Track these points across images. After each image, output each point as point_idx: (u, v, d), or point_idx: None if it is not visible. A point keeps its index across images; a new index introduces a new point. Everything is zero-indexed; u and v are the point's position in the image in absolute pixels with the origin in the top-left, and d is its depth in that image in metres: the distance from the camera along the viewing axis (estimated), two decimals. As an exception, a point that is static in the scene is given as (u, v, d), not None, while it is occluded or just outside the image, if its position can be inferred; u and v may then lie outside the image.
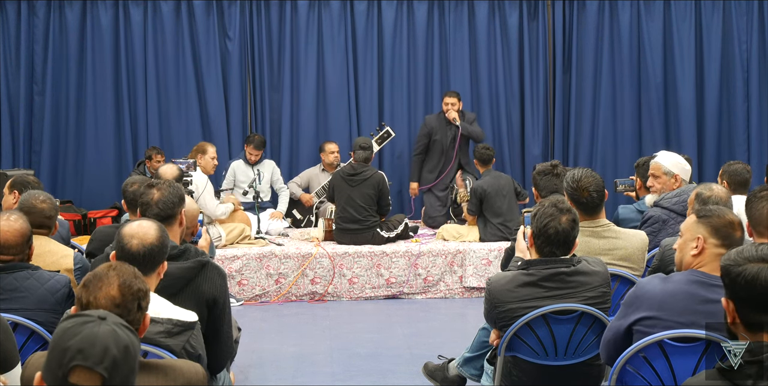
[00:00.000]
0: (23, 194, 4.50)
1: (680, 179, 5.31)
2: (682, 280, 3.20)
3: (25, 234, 3.71)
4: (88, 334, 2.01)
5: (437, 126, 8.83)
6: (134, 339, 2.08)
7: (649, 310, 3.18)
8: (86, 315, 2.07)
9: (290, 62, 9.54)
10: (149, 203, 3.79)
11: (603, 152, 9.68)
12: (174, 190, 3.84)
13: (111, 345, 2.00)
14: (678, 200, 5.05)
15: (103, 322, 2.04)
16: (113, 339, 2.02)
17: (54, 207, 4.39)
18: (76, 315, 2.09)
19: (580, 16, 9.68)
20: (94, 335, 2.01)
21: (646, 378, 3.17)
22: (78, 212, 8.97)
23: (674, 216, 4.99)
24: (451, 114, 8.73)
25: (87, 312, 2.09)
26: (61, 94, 9.44)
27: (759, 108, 9.69)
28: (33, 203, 4.29)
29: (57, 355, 2.00)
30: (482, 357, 4.40)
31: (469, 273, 7.57)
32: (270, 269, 7.50)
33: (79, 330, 2.02)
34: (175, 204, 3.81)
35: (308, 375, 5.54)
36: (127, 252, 3.17)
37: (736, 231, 3.23)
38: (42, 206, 4.29)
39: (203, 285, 3.55)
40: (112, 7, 9.41)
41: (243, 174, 8.73)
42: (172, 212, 3.79)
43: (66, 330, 2.03)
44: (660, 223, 5.00)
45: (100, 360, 1.98)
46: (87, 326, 2.03)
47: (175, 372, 2.44)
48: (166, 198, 3.79)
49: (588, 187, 4.33)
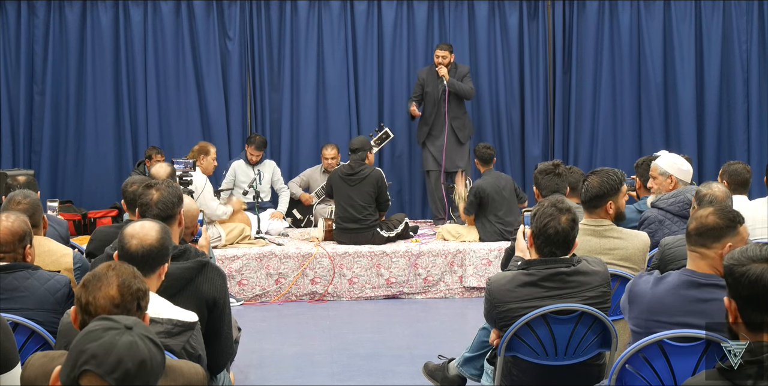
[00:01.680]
0: (7, 196, 4.50)
1: (676, 179, 5.31)
2: (673, 281, 3.21)
3: (17, 233, 3.69)
4: (107, 342, 1.97)
5: (428, 78, 8.88)
6: (156, 354, 2.02)
7: (641, 312, 3.20)
8: (114, 321, 2.03)
9: (290, 62, 9.54)
10: (149, 203, 3.80)
11: (603, 152, 9.68)
12: (173, 190, 3.84)
13: (126, 358, 1.96)
14: (674, 200, 5.05)
15: (127, 332, 2.00)
16: (131, 351, 1.97)
17: (32, 205, 4.34)
18: (105, 318, 2.05)
19: (580, 16, 9.68)
20: (112, 344, 1.97)
21: (646, 378, 3.17)
22: (78, 212, 8.97)
23: (670, 217, 5.01)
24: (441, 70, 8.74)
25: (117, 318, 2.05)
26: (61, 94, 9.44)
27: (759, 108, 9.69)
28: (10, 207, 4.29)
29: (74, 355, 1.98)
30: (482, 357, 4.40)
31: (469, 273, 7.57)
32: (270, 269, 7.50)
33: (101, 336, 1.98)
34: (175, 204, 3.82)
35: (308, 375, 5.54)
36: (126, 252, 3.18)
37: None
38: (19, 208, 4.27)
39: (203, 286, 3.55)
40: (112, 7, 9.41)
41: (243, 174, 8.73)
42: (172, 213, 3.80)
43: (89, 332, 2.00)
44: (656, 224, 5.01)
45: (112, 369, 1.95)
46: (109, 332, 1.99)
47: (175, 372, 2.44)
48: (166, 198, 3.80)
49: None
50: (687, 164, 5.42)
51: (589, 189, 4.39)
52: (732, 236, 3.25)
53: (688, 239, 3.30)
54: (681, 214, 4.97)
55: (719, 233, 3.24)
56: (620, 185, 4.48)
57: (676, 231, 4.84)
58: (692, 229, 3.29)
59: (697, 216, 3.31)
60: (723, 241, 3.24)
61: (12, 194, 4.46)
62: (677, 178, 5.31)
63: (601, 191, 4.37)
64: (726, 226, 3.26)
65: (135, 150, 9.49)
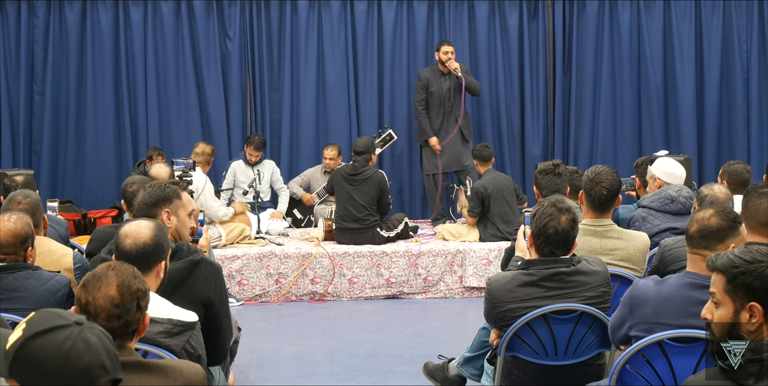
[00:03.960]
0: (7, 196, 4.51)
1: (660, 182, 5.42)
2: (675, 283, 3.21)
3: (19, 235, 3.69)
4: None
5: (431, 78, 8.78)
6: (85, 341, 1.94)
7: (645, 316, 3.19)
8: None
9: (290, 62, 9.54)
10: (135, 205, 3.88)
11: (603, 152, 9.67)
12: (155, 191, 3.84)
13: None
14: (656, 197, 5.18)
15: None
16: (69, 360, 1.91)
17: (33, 205, 4.34)
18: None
19: (580, 16, 9.68)
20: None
21: (646, 378, 3.17)
22: (78, 212, 8.97)
23: (653, 213, 5.15)
24: (452, 64, 8.66)
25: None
26: (61, 94, 9.44)
27: (759, 108, 9.69)
28: (11, 207, 4.29)
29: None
30: (482, 357, 4.40)
31: (469, 273, 7.57)
32: (270, 269, 7.50)
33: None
34: (149, 205, 3.83)
35: (308, 375, 5.54)
36: (121, 251, 3.18)
37: None
38: (19, 208, 4.27)
39: (197, 285, 3.54)
40: (112, 7, 9.41)
41: (243, 174, 8.73)
42: (150, 213, 3.81)
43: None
44: (640, 221, 5.13)
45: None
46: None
47: (175, 372, 2.44)
48: (143, 200, 3.83)
49: (601, 182, 4.37)
50: (675, 169, 5.44)
51: (600, 197, 4.36)
52: (734, 237, 3.26)
53: (689, 242, 3.29)
54: (662, 209, 5.11)
55: (723, 235, 3.25)
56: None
57: (659, 225, 4.97)
58: (694, 232, 3.28)
59: (698, 219, 3.30)
60: (726, 242, 3.25)
61: (12, 194, 4.46)
62: (662, 180, 5.38)
63: (611, 197, 4.40)
64: (729, 227, 3.27)
65: (135, 150, 9.49)
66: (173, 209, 3.88)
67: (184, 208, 3.96)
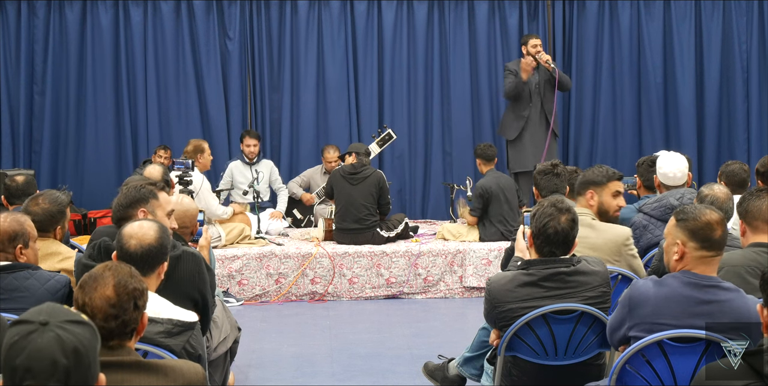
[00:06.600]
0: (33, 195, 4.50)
1: (658, 181, 5.39)
2: (675, 283, 3.21)
3: (6, 233, 3.69)
4: (32, 349, 1.90)
5: (517, 70, 8.40)
6: (84, 334, 1.96)
7: (645, 316, 3.19)
8: (28, 322, 1.95)
9: (290, 62, 9.54)
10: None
11: (603, 152, 9.68)
12: (130, 192, 3.90)
13: (58, 355, 1.90)
14: (658, 205, 5.13)
15: (45, 329, 1.92)
16: (59, 346, 1.91)
17: (54, 211, 4.30)
18: (19, 321, 1.97)
19: (580, 16, 9.68)
20: (39, 349, 1.90)
21: (646, 378, 3.17)
22: (78, 212, 8.97)
23: (654, 221, 5.11)
24: (543, 56, 8.37)
25: (28, 318, 1.97)
26: (61, 94, 9.44)
27: (759, 108, 9.69)
28: (28, 206, 4.28)
29: (9, 373, 1.92)
30: (482, 357, 4.40)
31: (469, 273, 7.57)
32: (270, 269, 7.50)
33: (24, 345, 1.92)
34: (124, 206, 3.90)
35: (308, 375, 5.54)
36: (125, 252, 3.18)
37: (715, 231, 3.21)
38: (35, 209, 4.26)
39: (181, 282, 3.61)
40: (112, 7, 9.42)
41: (241, 175, 8.72)
42: (127, 214, 3.86)
43: (12, 345, 1.93)
44: (641, 229, 5.11)
45: (51, 374, 1.89)
46: (30, 338, 1.92)
47: (175, 372, 2.44)
48: (119, 201, 3.91)
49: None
50: (674, 170, 5.34)
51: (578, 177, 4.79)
52: None
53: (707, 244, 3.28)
54: (663, 218, 5.04)
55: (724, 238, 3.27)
56: (604, 179, 4.72)
57: (659, 235, 4.91)
58: (720, 236, 3.27)
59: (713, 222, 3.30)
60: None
61: (43, 192, 4.43)
62: (659, 181, 5.36)
63: (584, 179, 4.65)
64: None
65: (135, 150, 9.50)
66: (150, 209, 3.90)
67: (162, 208, 3.96)
